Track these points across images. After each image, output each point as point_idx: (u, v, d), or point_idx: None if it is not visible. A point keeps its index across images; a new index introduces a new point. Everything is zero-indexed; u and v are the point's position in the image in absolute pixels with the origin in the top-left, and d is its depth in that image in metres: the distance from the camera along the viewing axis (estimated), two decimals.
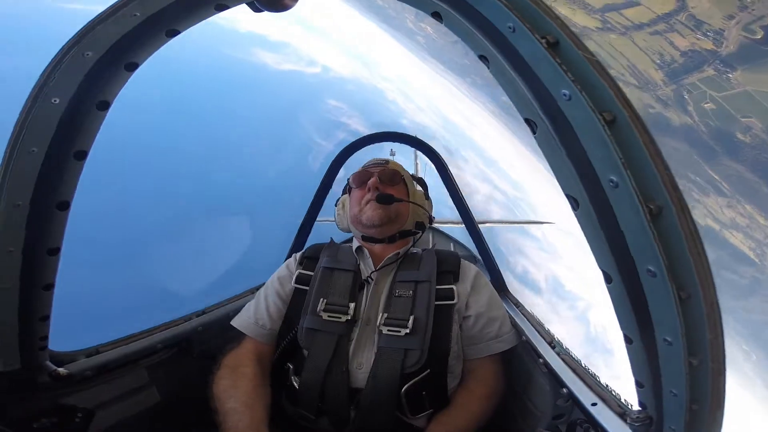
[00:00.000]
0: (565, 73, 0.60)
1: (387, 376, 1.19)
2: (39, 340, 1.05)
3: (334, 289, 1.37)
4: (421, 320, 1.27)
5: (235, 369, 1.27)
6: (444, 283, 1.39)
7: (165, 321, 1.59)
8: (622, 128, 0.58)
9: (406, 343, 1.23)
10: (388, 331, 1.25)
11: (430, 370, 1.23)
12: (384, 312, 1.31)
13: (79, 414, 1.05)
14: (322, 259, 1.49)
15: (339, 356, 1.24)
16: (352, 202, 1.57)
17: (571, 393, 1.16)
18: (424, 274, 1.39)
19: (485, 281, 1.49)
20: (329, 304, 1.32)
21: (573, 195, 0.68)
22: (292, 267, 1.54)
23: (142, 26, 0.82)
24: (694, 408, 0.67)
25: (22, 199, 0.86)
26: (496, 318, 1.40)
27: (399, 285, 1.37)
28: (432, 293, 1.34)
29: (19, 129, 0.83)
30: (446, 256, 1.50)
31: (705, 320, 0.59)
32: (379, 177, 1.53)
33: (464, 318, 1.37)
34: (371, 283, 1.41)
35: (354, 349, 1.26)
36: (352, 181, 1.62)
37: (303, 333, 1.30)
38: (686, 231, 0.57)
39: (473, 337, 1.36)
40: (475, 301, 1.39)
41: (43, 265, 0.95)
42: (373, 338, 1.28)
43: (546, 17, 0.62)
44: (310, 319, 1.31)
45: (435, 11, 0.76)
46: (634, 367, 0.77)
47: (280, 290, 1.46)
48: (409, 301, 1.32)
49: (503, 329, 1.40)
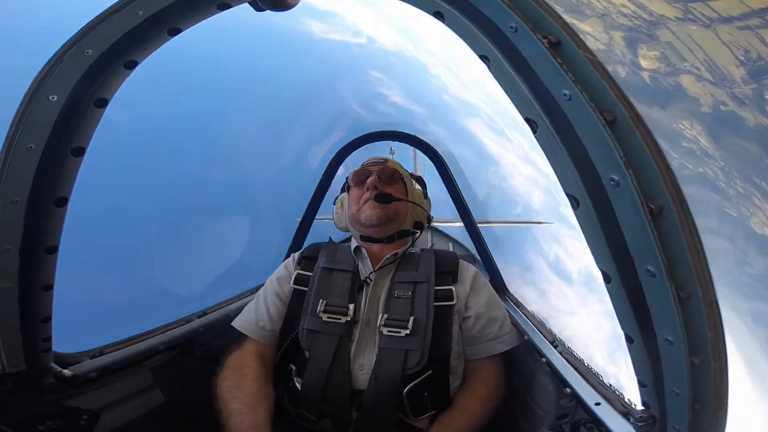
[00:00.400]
0: (566, 73, 0.60)
1: (388, 377, 1.19)
2: (42, 342, 1.05)
3: (333, 290, 1.36)
4: (420, 321, 1.27)
5: (238, 370, 1.27)
6: (442, 283, 1.38)
7: (166, 323, 1.60)
8: (622, 128, 0.58)
9: (406, 344, 1.23)
10: (388, 332, 1.25)
11: (432, 371, 1.23)
12: (384, 313, 1.30)
13: (84, 416, 1.05)
14: (320, 259, 1.49)
15: (340, 358, 1.24)
16: (351, 201, 1.56)
17: (574, 393, 1.16)
18: (422, 275, 1.39)
19: (484, 282, 1.49)
20: (329, 305, 1.31)
21: (574, 194, 0.69)
22: (290, 267, 1.53)
23: (144, 25, 0.82)
24: (696, 407, 0.67)
25: (19, 195, 0.86)
26: (496, 318, 1.40)
27: (398, 286, 1.37)
28: (431, 294, 1.34)
29: (16, 126, 0.83)
30: (445, 257, 1.50)
31: (705, 320, 0.59)
32: (378, 176, 1.52)
33: (464, 318, 1.37)
34: (370, 283, 1.40)
35: (355, 351, 1.26)
36: (351, 179, 1.60)
37: (304, 334, 1.30)
38: (686, 231, 0.57)
39: (473, 337, 1.36)
40: (475, 301, 1.39)
41: (41, 264, 0.95)
42: (374, 339, 1.28)
43: (548, 17, 0.62)
44: (310, 320, 1.31)
45: (437, 11, 0.76)
46: (636, 366, 0.77)
47: (279, 291, 1.46)
48: (408, 302, 1.32)
49: (503, 329, 1.40)
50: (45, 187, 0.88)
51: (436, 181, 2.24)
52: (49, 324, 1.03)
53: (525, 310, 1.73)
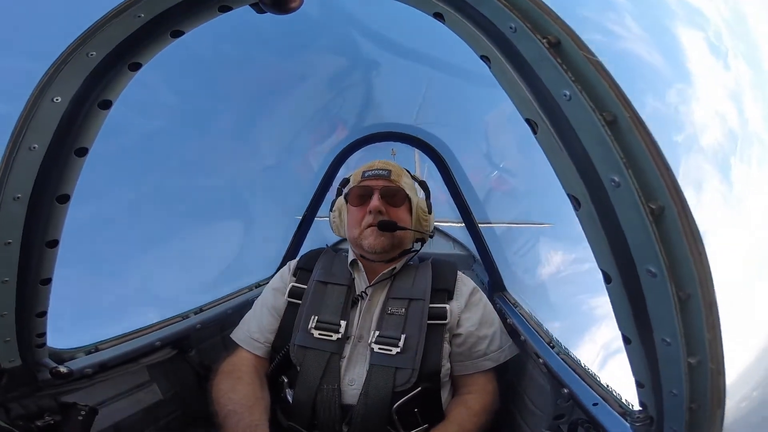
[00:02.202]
0: (565, 73, 0.60)
1: (378, 393, 1.20)
2: (37, 337, 1.05)
3: (326, 306, 1.36)
4: (412, 339, 1.27)
5: (232, 374, 1.28)
6: (438, 301, 1.37)
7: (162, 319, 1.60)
8: (622, 128, 0.58)
9: (397, 362, 1.23)
10: (379, 349, 1.26)
11: (422, 388, 1.23)
12: (376, 330, 1.30)
13: (81, 412, 1.05)
14: (315, 271, 1.47)
15: (330, 374, 1.24)
16: (351, 221, 1.49)
17: (571, 393, 1.16)
18: (418, 292, 1.38)
19: (479, 297, 1.47)
20: (320, 322, 1.31)
21: (575, 195, 0.69)
22: (286, 278, 1.52)
23: (147, 27, 0.82)
24: (694, 408, 0.67)
25: (22, 191, 0.87)
26: (485, 336, 1.39)
27: (392, 302, 1.36)
28: (425, 312, 1.33)
29: (20, 126, 0.84)
30: (443, 271, 1.47)
31: (703, 321, 0.59)
32: (381, 194, 1.43)
33: (454, 335, 1.36)
34: (365, 298, 1.39)
35: (346, 366, 1.26)
36: (351, 197, 1.50)
37: (295, 350, 1.30)
38: (687, 231, 0.57)
39: (461, 354, 1.36)
40: (467, 319, 1.38)
41: (41, 258, 0.95)
42: (365, 355, 1.28)
43: (547, 18, 0.62)
44: (302, 336, 1.31)
45: (437, 12, 0.76)
46: (634, 367, 0.77)
47: (274, 303, 1.46)
48: (401, 319, 1.31)
49: (491, 347, 1.39)
50: (47, 185, 0.90)
51: (437, 181, 2.24)
52: (44, 319, 1.03)
53: (522, 311, 1.73)
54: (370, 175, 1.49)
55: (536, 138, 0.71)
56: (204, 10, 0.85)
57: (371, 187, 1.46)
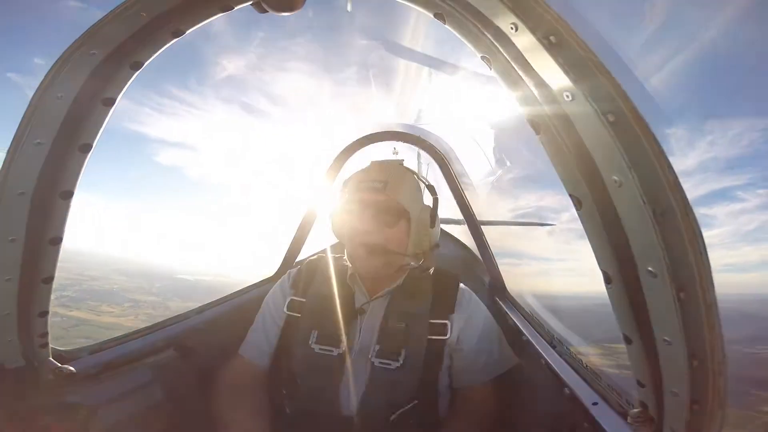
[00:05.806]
0: (567, 72, 0.60)
1: (377, 407, 1.21)
2: (39, 337, 1.05)
3: (326, 320, 1.35)
4: (412, 354, 1.27)
5: (233, 385, 1.29)
6: (438, 317, 1.36)
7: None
8: (624, 128, 0.58)
9: (396, 376, 1.24)
10: (379, 364, 1.26)
11: (419, 401, 1.23)
12: (377, 344, 1.30)
13: (83, 412, 1.05)
14: (314, 284, 1.46)
15: (330, 387, 1.25)
16: (346, 232, 1.44)
17: (572, 392, 1.16)
18: (418, 306, 1.37)
19: (480, 311, 1.46)
20: (321, 336, 1.31)
21: (577, 195, 0.69)
22: (285, 289, 1.51)
23: (148, 26, 0.82)
24: (694, 408, 0.67)
25: (25, 188, 0.88)
26: (485, 350, 1.39)
27: (393, 316, 1.35)
28: (425, 327, 1.32)
29: (25, 123, 0.84)
30: (445, 286, 1.45)
31: (704, 321, 0.59)
32: (374, 213, 1.33)
33: (454, 350, 1.36)
34: (365, 312, 1.39)
35: (346, 380, 1.26)
36: (344, 209, 1.43)
37: (295, 363, 1.31)
38: (689, 231, 0.57)
39: (461, 367, 1.36)
40: (467, 334, 1.38)
41: (44, 255, 0.95)
42: (365, 368, 1.28)
43: (548, 17, 0.62)
44: (302, 350, 1.31)
45: (437, 12, 0.76)
46: (634, 367, 0.77)
47: (274, 315, 1.46)
48: (401, 334, 1.30)
49: (490, 359, 1.39)
50: (51, 180, 0.90)
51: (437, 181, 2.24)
52: (46, 319, 1.03)
53: (524, 312, 1.73)
54: (365, 188, 1.38)
55: (538, 138, 0.71)
56: (205, 10, 0.85)
57: (365, 200, 1.36)
